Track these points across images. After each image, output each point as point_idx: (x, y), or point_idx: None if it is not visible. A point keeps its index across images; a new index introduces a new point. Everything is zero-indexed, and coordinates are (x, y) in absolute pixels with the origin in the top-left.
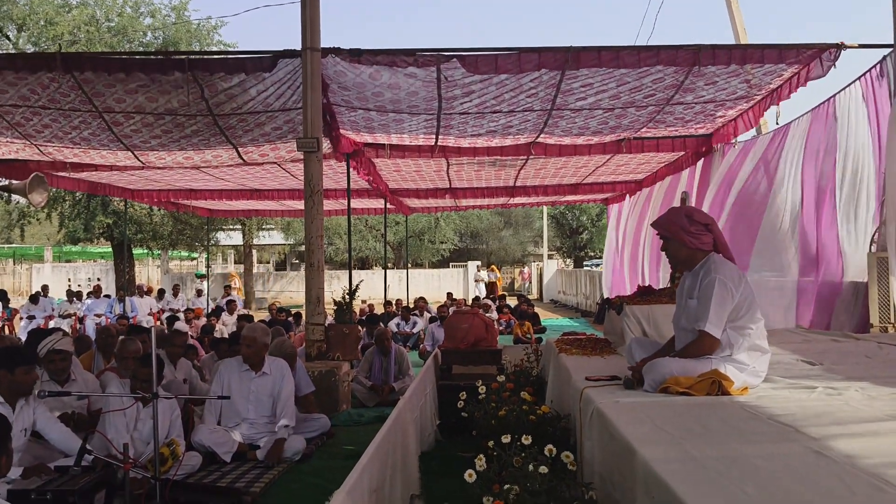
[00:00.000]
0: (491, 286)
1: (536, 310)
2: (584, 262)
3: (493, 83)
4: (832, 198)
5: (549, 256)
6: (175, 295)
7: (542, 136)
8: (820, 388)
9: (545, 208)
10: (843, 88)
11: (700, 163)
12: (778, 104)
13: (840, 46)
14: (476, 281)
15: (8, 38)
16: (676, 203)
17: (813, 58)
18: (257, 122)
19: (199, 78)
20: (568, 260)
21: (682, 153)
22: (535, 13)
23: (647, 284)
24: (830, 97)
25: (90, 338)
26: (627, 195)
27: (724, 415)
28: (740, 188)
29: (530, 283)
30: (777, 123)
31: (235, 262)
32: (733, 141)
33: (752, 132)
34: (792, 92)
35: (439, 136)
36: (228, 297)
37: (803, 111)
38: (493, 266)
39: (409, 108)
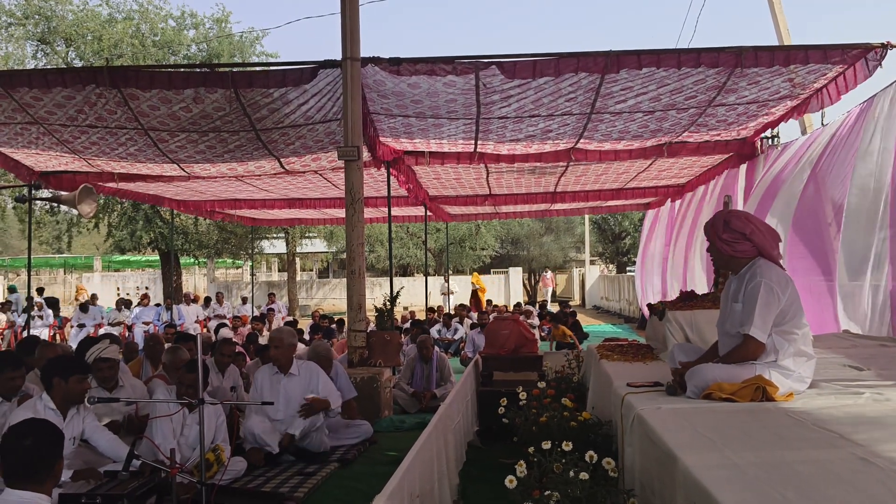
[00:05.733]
0: (473, 294)
1: (579, 316)
2: (627, 268)
3: (531, 87)
4: (880, 200)
5: (592, 262)
6: (220, 303)
7: (581, 140)
8: (867, 393)
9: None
10: (886, 87)
11: (744, 166)
12: (829, 104)
13: (886, 46)
14: (442, 294)
15: (56, 52)
16: (719, 207)
17: (858, 58)
18: (298, 135)
19: (242, 94)
20: (611, 265)
21: (726, 156)
22: (575, 19)
23: (689, 289)
24: (871, 97)
25: (137, 345)
26: (670, 200)
27: (768, 421)
28: (785, 189)
29: (554, 289)
30: (822, 123)
31: (279, 270)
32: (776, 142)
33: (798, 133)
34: (841, 94)
35: (478, 142)
36: (269, 306)
37: (849, 110)
38: (475, 275)
39: (447, 114)
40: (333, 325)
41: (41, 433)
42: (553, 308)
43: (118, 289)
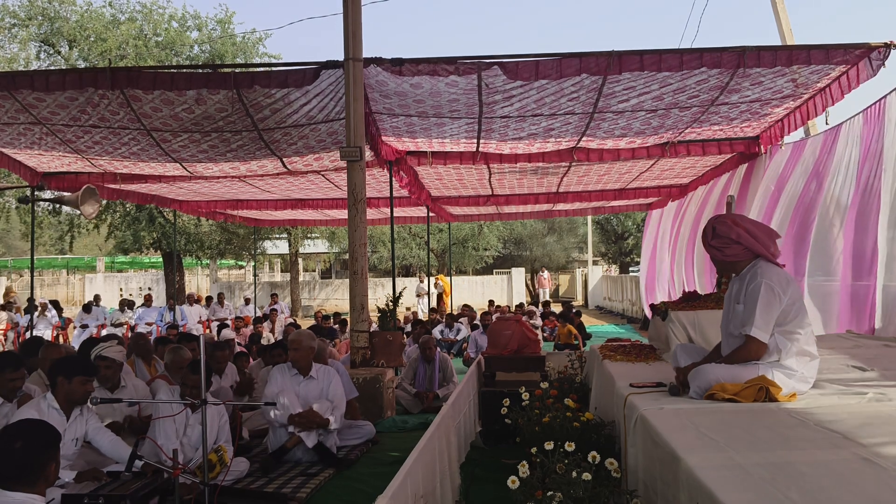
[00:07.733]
0: (439, 298)
1: (582, 317)
2: (630, 268)
3: (533, 87)
4: (887, 200)
5: (594, 262)
6: (221, 303)
7: (584, 139)
8: (870, 393)
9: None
10: (894, 89)
11: (746, 166)
12: (832, 104)
13: (890, 45)
14: (418, 296)
15: (59, 53)
16: (722, 207)
17: (861, 57)
18: (301, 134)
19: (244, 95)
20: (613, 266)
21: (729, 156)
22: (578, 17)
23: (692, 290)
24: (882, 97)
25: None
26: (671, 200)
27: (771, 421)
28: (789, 190)
29: (551, 289)
30: (826, 124)
31: (282, 271)
32: (780, 142)
33: (801, 133)
34: (844, 93)
35: (480, 141)
36: (272, 306)
37: (855, 111)
38: (440, 276)
39: (450, 113)
40: (336, 326)
41: (32, 435)
42: (556, 308)
43: (121, 289)
